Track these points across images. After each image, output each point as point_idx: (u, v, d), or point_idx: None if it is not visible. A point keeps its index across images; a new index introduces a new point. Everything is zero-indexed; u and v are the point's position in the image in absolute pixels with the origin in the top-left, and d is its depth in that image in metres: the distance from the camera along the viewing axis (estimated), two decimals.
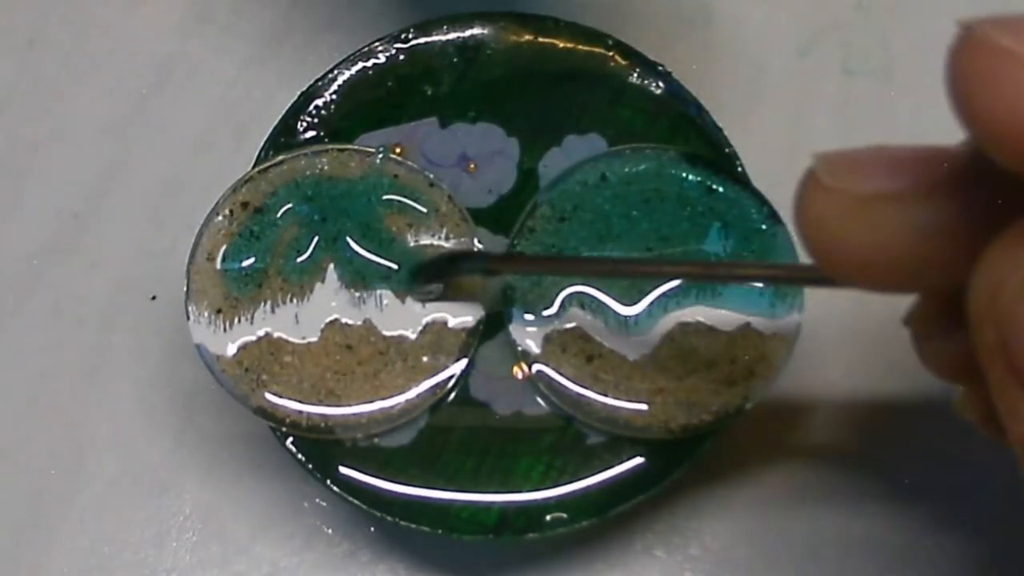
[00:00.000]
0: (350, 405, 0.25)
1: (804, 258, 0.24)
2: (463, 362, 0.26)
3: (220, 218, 0.26)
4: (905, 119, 0.31)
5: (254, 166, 0.27)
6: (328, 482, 0.25)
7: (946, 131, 0.15)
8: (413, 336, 0.26)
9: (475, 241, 0.26)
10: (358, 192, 0.26)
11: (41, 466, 0.29)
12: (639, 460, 0.25)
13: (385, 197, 0.26)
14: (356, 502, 0.25)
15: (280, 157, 0.26)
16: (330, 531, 0.29)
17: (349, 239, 0.26)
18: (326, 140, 0.27)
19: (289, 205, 0.26)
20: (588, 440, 0.25)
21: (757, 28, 0.32)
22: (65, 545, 0.29)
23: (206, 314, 0.25)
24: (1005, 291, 0.14)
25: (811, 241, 0.16)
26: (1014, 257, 0.14)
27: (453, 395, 0.26)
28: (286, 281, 0.26)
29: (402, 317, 0.26)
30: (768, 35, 0.32)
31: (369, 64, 0.27)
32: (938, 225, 0.15)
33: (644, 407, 0.25)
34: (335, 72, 0.27)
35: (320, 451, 0.25)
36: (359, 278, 0.26)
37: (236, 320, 0.25)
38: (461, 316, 0.26)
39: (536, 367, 0.25)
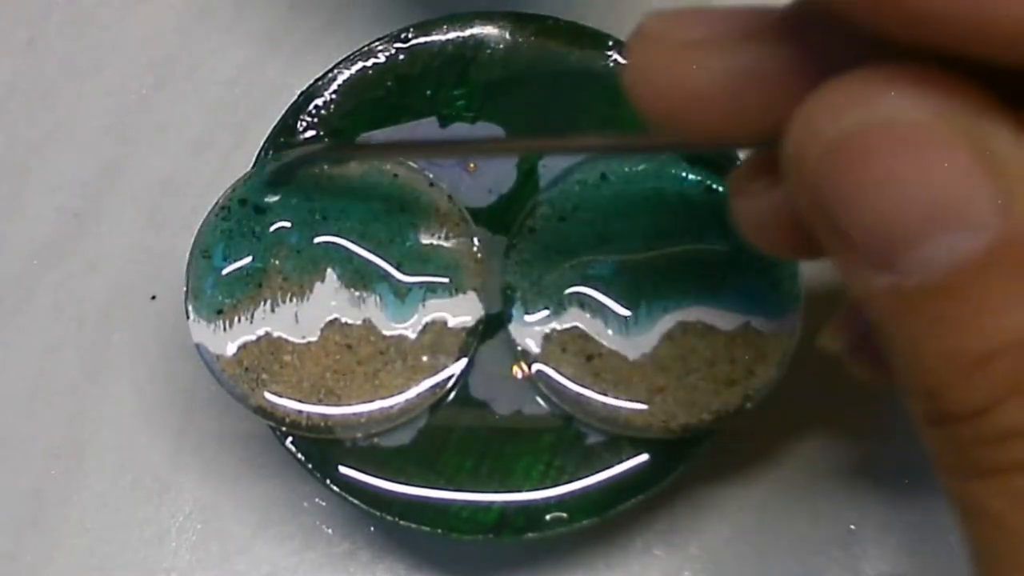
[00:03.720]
0: (350, 405, 0.25)
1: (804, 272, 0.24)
2: (463, 362, 0.26)
3: (219, 217, 0.26)
4: None
5: (254, 166, 0.27)
6: (328, 482, 0.25)
7: None
8: (413, 336, 0.26)
9: (475, 241, 0.26)
10: (358, 191, 0.26)
11: (41, 466, 0.29)
12: (639, 460, 0.25)
13: (385, 197, 0.26)
14: (356, 502, 0.25)
15: (280, 157, 0.26)
16: (330, 531, 0.29)
17: (349, 239, 0.26)
18: (326, 140, 0.27)
19: (289, 204, 0.26)
20: (588, 440, 0.25)
21: None
22: (65, 545, 0.29)
23: (205, 314, 0.25)
24: (811, 151, 0.15)
25: (635, 89, 0.17)
26: (820, 116, 0.14)
27: (453, 395, 0.26)
28: (286, 280, 0.26)
29: (402, 317, 0.26)
30: None
31: (369, 64, 0.27)
32: (759, 70, 0.16)
33: (644, 407, 0.25)
34: (335, 72, 0.27)
35: (320, 451, 0.25)
36: (359, 278, 0.26)
37: (236, 320, 0.25)
38: (461, 316, 0.26)
39: (536, 367, 0.25)
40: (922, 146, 0.14)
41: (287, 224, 0.26)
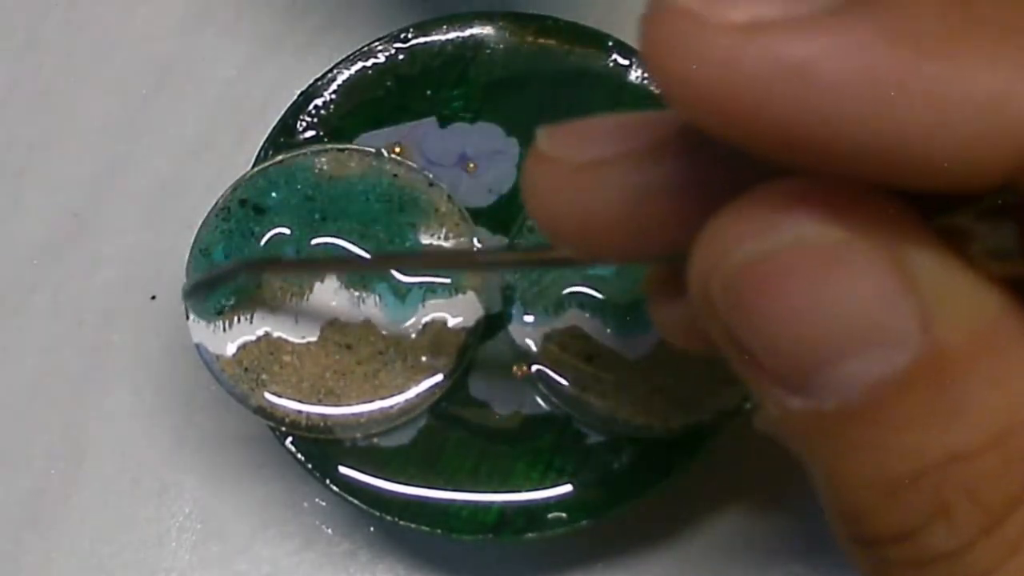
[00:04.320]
0: (350, 405, 0.25)
1: None
2: (463, 362, 0.26)
3: (219, 217, 0.26)
4: None
5: (254, 166, 0.27)
6: (328, 482, 0.25)
7: None
8: (413, 336, 0.26)
9: (475, 240, 0.26)
10: (357, 192, 0.26)
11: (41, 466, 0.29)
12: (638, 460, 0.25)
13: (385, 197, 0.26)
14: (356, 502, 0.25)
15: (280, 157, 0.26)
16: (330, 531, 0.29)
17: (348, 239, 0.26)
18: (326, 140, 0.27)
19: (289, 204, 0.26)
20: (588, 440, 0.25)
21: None
22: (65, 545, 0.29)
23: (205, 313, 0.25)
24: (715, 282, 0.14)
25: (534, 212, 0.16)
26: (720, 245, 0.14)
27: (453, 395, 0.26)
28: (286, 281, 0.26)
29: (402, 317, 0.26)
30: None
31: (369, 64, 0.27)
32: (654, 188, 0.15)
33: (644, 407, 0.25)
34: (335, 72, 0.27)
35: (320, 451, 0.25)
36: (359, 278, 0.26)
37: (236, 320, 0.25)
38: (461, 316, 0.26)
39: (536, 367, 0.25)
40: (833, 265, 0.13)
41: (287, 224, 0.26)
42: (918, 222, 0.14)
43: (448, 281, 0.26)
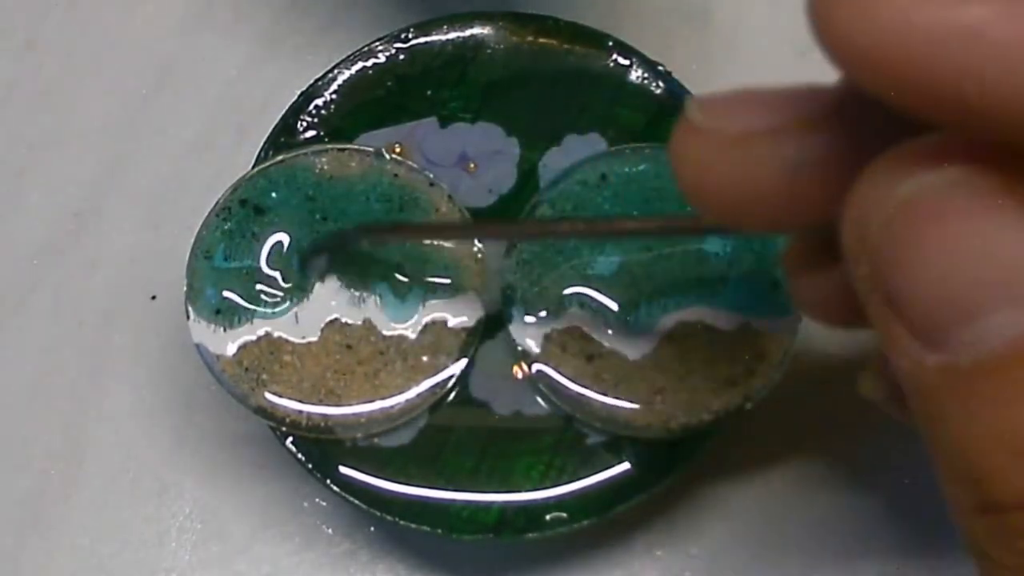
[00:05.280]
0: (350, 405, 0.25)
1: None
2: (463, 362, 0.26)
3: (220, 218, 0.26)
4: None
5: (254, 166, 0.27)
6: (328, 482, 0.25)
7: None
8: (413, 336, 0.26)
9: (475, 240, 0.26)
10: (358, 192, 0.26)
11: (41, 466, 0.29)
12: (639, 460, 0.25)
13: (385, 197, 0.26)
14: (356, 502, 0.25)
15: (280, 157, 0.26)
16: (330, 531, 0.29)
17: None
18: (326, 140, 0.27)
19: (289, 205, 0.26)
20: (588, 440, 0.25)
21: (757, 28, 0.32)
22: (65, 545, 0.29)
23: (205, 314, 0.25)
24: (874, 219, 0.14)
25: (685, 183, 0.16)
26: (882, 184, 0.14)
27: (453, 395, 0.26)
28: (285, 280, 0.26)
29: (402, 317, 0.26)
30: (768, 35, 0.32)
31: (369, 64, 0.27)
32: (810, 160, 0.15)
33: (644, 407, 0.25)
34: (335, 72, 0.27)
35: (320, 451, 0.25)
36: (358, 278, 0.26)
37: (236, 320, 0.25)
38: (461, 316, 0.26)
39: (536, 367, 0.25)
40: (990, 212, 0.13)
41: (287, 224, 0.26)
42: None
43: (448, 281, 0.26)
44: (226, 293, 0.25)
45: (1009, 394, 0.13)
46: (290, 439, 0.25)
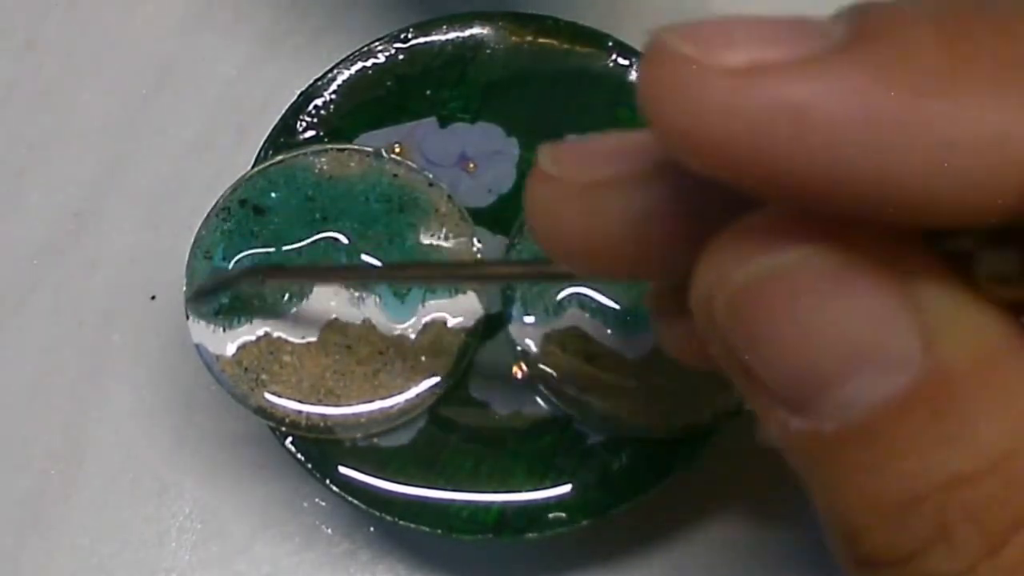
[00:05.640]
0: (349, 405, 0.25)
1: None
2: (463, 362, 0.26)
3: (220, 218, 0.26)
4: None
5: (254, 166, 0.27)
6: (327, 482, 0.25)
7: None
8: (412, 336, 0.26)
9: (474, 240, 0.26)
10: (357, 192, 0.26)
11: (41, 466, 0.29)
12: (638, 460, 0.25)
13: (385, 197, 0.26)
14: (356, 502, 0.25)
15: (280, 157, 0.26)
16: (330, 531, 0.29)
17: (348, 239, 0.26)
18: (326, 140, 0.27)
19: (289, 205, 0.26)
20: (588, 440, 0.25)
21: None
22: (65, 545, 0.29)
23: (205, 313, 0.25)
24: (718, 301, 0.14)
25: (536, 230, 0.16)
26: (723, 266, 0.14)
27: (453, 395, 0.26)
28: (286, 280, 0.26)
29: (401, 317, 0.26)
30: None
31: (369, 64, 0.27)
32: (657, 211, 0.15)
33: (644, 407, 0.25)
34: (335, 72, 0.27)
35: (319, 451, 0.25)
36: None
37: (235, 320, 0.25)
38: (461, 316, 0.26)
39: (536, 367, 0.25)
40: (835, 286, 0.13)
41: (287, 224, 0.26)
42: (921, 246, 0.13)
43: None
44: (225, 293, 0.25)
45: (874, 457, 0.13)
46: (289, 439, 0.25)
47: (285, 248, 0.26)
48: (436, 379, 0.25)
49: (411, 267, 0.26)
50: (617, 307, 0.25)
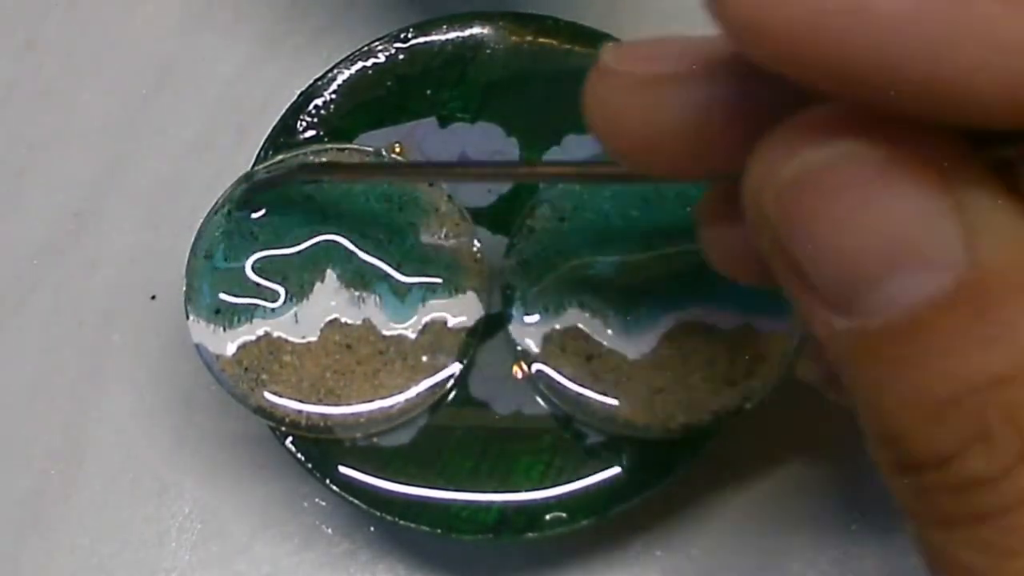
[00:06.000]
0: (350, 405, 0.25)
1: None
2: (463, 362, 0.26)
3: (219, 217, 0.26)
4: None
5: (254, 166, 0.27)
6: (328, 482, 0.25)
7: None
8: (412, 336, 0.26)
9: (474, 240, 0.26)
10: (357, 192, 0.26)
11: (41, 466, 0.29)
12: (639, 460, 0.25)
13: (384, 197, 0.26)
14: (356, 502, 0.25)
15: (280, 157, 0.26)
16: (330, 531, 0.29)
17: (348, 239, 0.26)
18: (326, 140, 0.27)
19: (289, 204, 0.26)
20: (588, 440, 0.25)
21: None
22: (65, 545, 0.29)
23: (205, 314, 0.25)
24: (768, 192, 0.14)
25: (596, 125, 0.16)
26: (775, 158, 0.14)
27: (453, 395, 0.26)
28: (286, 280, 0.26)
29: (401, 317, 0.26)
30: None
31: (369, 64, 0.27)
32: (717, 106, 0.15)
33: (644, 407, 0.25)
34: (335, 72, 0.27)
35: (320, 451, 0.25)
36: (358, 278, 0.26)
37: (235, 320, 0.25)
38: (461, 316, 0.26)
39: (536, 367, 0.25)
40: (882, 181, 0.13)
41: (287, 224, 0.26)
42: (968, 151, 0.14)
43: (447, 281, 0.26)
44: (224, 294, 0.25)
45: (916, 356, 0.14)
46: (289, 439, 0.25)
47: (285, 248, 0.26)
48: (436, 379, 0.25)
49: (458, 168, 0.26)
50: (617, 307, 0.25)
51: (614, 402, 0.25)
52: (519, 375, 0.26)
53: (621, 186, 0.25)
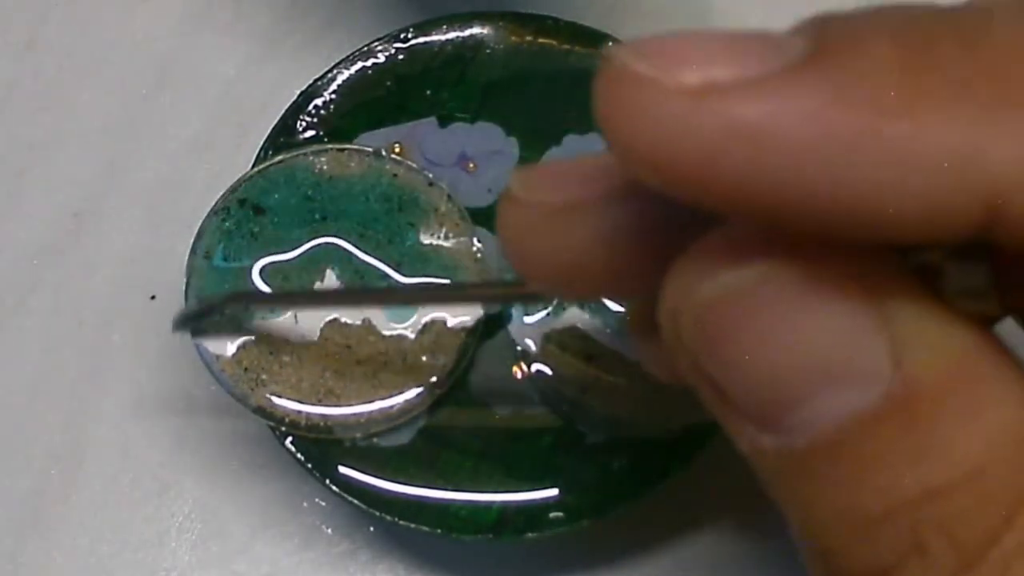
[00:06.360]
0: (349, 405, 0.25)
1: None
2: (463, 362, 0.26)
3: (219, 217, 0.26)
4: None
5: (254, 166, 0.27)
6: (327, 482, 0.25)
7: None
8: (412, 336, 0.26)
9: (474, 240, 0.26)
10: (357, 192, 0.26)
11: (41, 466, 0.29)
12: (638, 460, 0.25)
13: (384, 197, 0.26)
14: (355, 502, 0.25)
15: (280, 156, 0.26)
16: (329, 531, 0.29)
17: (348, 239, 0.26)
18: (326, 140, 0.27)
19: (288, 204, 0.26)
20: (588, 440, 0.25)
21: (757, 28, 0.32)
22: (65, 545, 0.29)
23: None
24: (685, 317, 0.14)
25: (510, 253, 0.16)
26: (689, 282, 0.14)
27: (453, 395, 0.26)
28: (286, 280, 0.26)
29: (401, 317, 0.26)
30: None
31: (369, 64, 0.27)
32: (625, 230, 0.15)
33: (644, 407, 0.25)
34: (335, 72, 0.27)
35: (319, 451, 0.25)
36: (358, 278, 0.26)
37: (235, 320, 0.25)
38: (461, 316, 0.26)
39: (536, 367, 0.25)
40: (802, 302, 0.13)
41: (286, 224, 0.26)
42: (888, 260, 0.13)
43: (447, 281, 0.26)
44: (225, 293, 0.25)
45: (846, 472, 0.13)
46: (289, 439, 0.25)
47: (284, 248, 0.26)
48: (436, 379, 0.25)
49: (393, 292, 0.26)
50: (617, 307, 0.25)
51: (614, 402, 0.25)
52: (519, 375, 0.26)
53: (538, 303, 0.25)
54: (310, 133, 0.27)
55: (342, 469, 0.25)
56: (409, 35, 0.28)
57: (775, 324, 0.13)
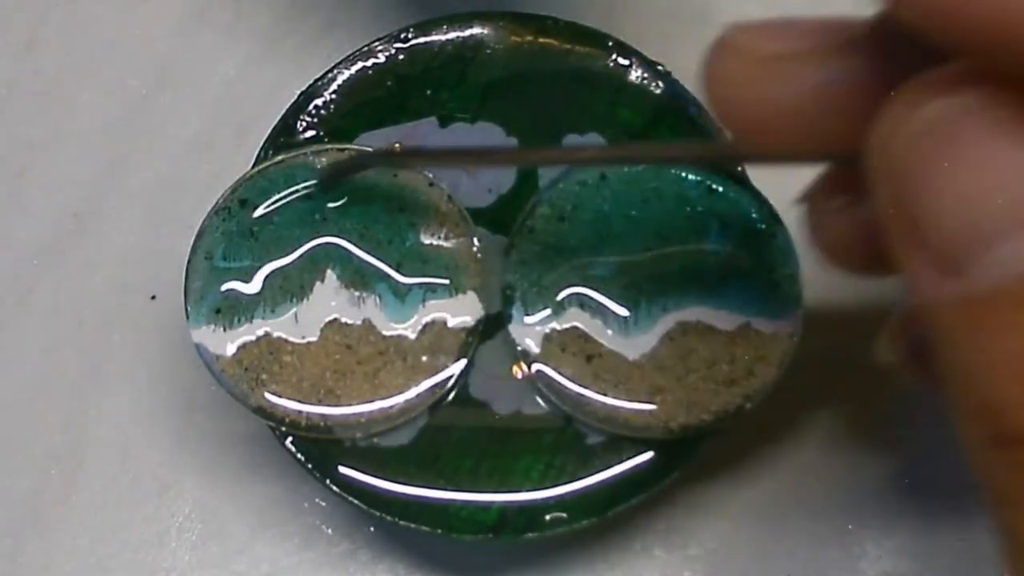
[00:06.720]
0: (349, 405, 0.25)
1: (806, 260, 0.24)
2: (463, 362, 0.26)
3: (219, 217, 0.26)
4: None
5: (254, 166, 0.27)
6: (327, 482, 0.25)
7: None
8: (413, 336, 0.26)
9: (474, 240, 0.26)
10: (358, 192, 0.26)
11: (41, 466, 0.29)
12: (639, 460, 0.25)
13: (385, 197, 0.26)
14: (355, 502, 0.25)
15: (280, 157, 0.26)
16: (329, 531, 0.29)
17: (348, 239, 0.26)
18: (326, 140, 0.27)
19: (289, 205, 0.26)
20: (588, 440, 0.25)
21: None
22: (65, 545, 0.29)
23: (205, 314, 0.25)
24: (898, 140, 0.14)
25: (715, 100, 0.17)
26: (908, 106, 0.14)
27: (453, 395, 0.26)
28: (286, 280, 0.26)
29: (402, 317, 0.26)
30: None
31: (369, 64, 0.27)
32: (837, 83, 0.16)
33: (644, 407, 0.25)
34: (335, 72, 0.27)
35: (319, 451, 0.25)
36: (358, 278, 0.26)
37: (235, 320, 0.25)
38: (461, 316, 0.26)
39: (536, 367, 0.25)
40: (1009, 135, 0.13)
41: (287, 224, 0.26)
42: None
43: (447, 281, 0.26)
44: (225, 292, 0.25)
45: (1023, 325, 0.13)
46: (289, 439, 0.25)
47: (285, 248, 0.26)
48: (436, 379, 0.25)
49: (558, 152, 0.26)
50: (617, 307, 0.25)
51: (614, 402, 0.25)
52: (519, 375, 0.26)
53: (729, 164, 0.25)
54: (310, 133, 0.27)
55: (342, 469, 0.25)
56: (409, 35, 0.28)
57: (980, 154, 0.13)
